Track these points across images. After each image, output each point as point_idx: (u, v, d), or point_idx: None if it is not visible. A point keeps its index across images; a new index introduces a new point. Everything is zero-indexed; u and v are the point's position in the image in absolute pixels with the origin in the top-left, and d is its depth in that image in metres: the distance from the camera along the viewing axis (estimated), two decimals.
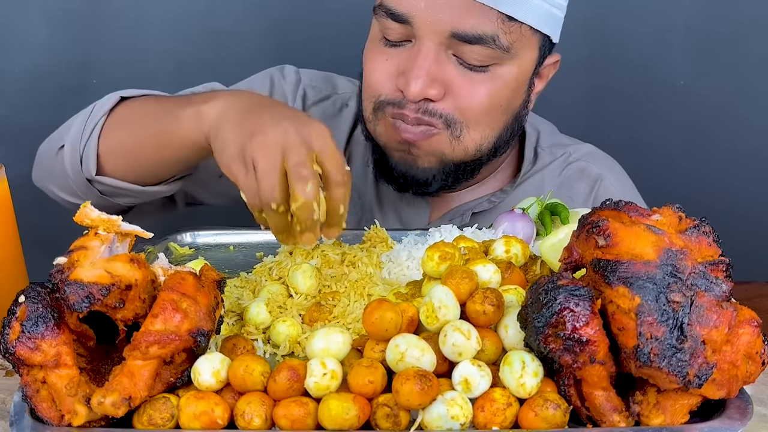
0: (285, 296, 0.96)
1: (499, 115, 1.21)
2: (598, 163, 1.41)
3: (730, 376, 0.73)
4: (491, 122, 1.21)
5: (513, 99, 1.22)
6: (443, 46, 1.15)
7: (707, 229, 0.77)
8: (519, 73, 1.20)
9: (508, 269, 0.88)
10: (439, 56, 1.15)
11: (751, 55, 2.01)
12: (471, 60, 1.15)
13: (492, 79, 1.18)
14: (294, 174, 0.89)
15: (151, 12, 1.95)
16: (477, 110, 1.18)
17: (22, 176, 1.33)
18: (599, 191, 1.37)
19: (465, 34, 1.12)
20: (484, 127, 1.21)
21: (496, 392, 0.72)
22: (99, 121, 1.20)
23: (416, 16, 1.13)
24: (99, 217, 0.80)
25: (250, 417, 0.71)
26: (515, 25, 1.14)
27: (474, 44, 1.13)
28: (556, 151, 1.40)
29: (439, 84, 1.16)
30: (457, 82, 1.16)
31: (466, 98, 1.17)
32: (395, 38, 1.18)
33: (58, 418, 0.71)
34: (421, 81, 1.14)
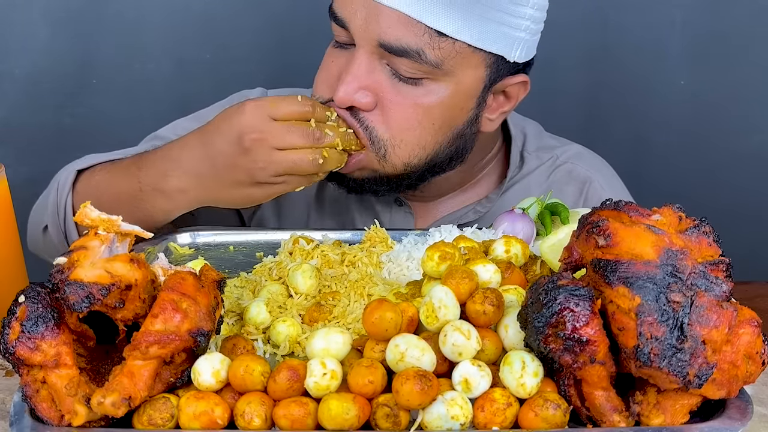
0: (285, 296, 0.96)
1: (431, 133, 1.16)
2: (586, 165, 1.38)
3: (730, 376, 0.73)
4: (421, 140, 1.16)
5: (450, 117, 1.16)
6: (376, 55, 1.12)
7: (707, 229, 0.77)
8: (457, 91, 1.14)
9: (508, 269, 0.88)
10: (372, 64, 1.12)
11: (750, 54, 2.02)
12: (403, 72, 1.12)
13: (424, 95, 1.13)
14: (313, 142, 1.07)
15: (151, 12, 1.96)
16: (405, 126, 1.14)
17: (22, 176, 1.33)
18: (588, 193, 1.34)
19: (390, 45, 1.10)
20: (412, 145, 1.16)
21: (496, 392, 0.72)
22: (66, 200, 1.24)
23: (352, 23, 1.12)
24: (99, 217, 0.80)
25: (250, 417, 0.71)
26: (447, 41, 1.09)
27: (401, 56, 1.10)
28: (542, 154, 1.37)
29: (370, 93, 1.13)
30: (388, 94, 1.13)
31: (395, 113, 1.13)
32: (342, 41, 1.17)
33: (58, 418, 0.71)
34: (350, 87, 1.12)
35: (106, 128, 1.98)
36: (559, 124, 1.50)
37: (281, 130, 1.06)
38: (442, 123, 1.16)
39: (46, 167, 1.94)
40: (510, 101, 1.23)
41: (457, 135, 1.19)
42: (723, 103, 2.04)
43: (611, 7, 1.99)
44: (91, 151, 1.32)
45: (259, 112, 1.07)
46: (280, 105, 1.08)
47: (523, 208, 1.10)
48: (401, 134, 1.15)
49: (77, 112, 1.99)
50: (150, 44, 1.97)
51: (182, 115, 1.42)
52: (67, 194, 1.23)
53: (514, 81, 1.20)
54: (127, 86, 1.99)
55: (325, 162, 1.09)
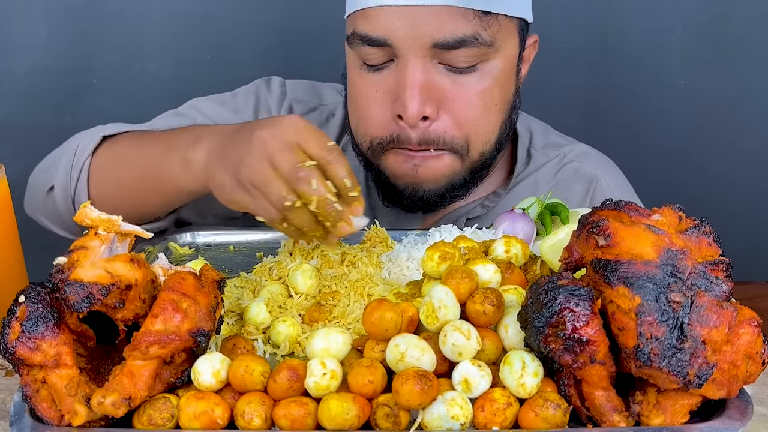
0: (285, 296, 0.96)
1: (495, 113, 1.20)
2: (594, 163, 1.39)
3: (731, 376, 0.73)
4: (489, 126, 1.20)
5: (505, 91, 1.21)
6: (428, 58, 1.13)
7: (707, 229, 0.77)
8: (506, 64, 1.19)
9: (508, 269, 0.88)
10: (426, 69, 1.13)
11: (750, 54, 2.02)
12: (458, 63, 1.14)
13: (481, 78, 1.16)
14: (293, 180, 0.91)
15: (151, 12, 1.96)
16: (474, 119, 1.17)
17: (22, 176, 1.33)
18: (595, 191, 1.36)
19: (446, 41, 1.11)
20: (484, 133, 1.20)
21: (496, 392, 0.72)
22: (84, 164, 1.22)
23: (394, 36, 1.12)
24: (99, 217, 0.80)
25: (250, 417, 0.71)
26: (492, 18, 1.13)
27: (458, 48, 1.12)
28: (549, 152, 1.39)
29: (433, 100, 1.14)
30: (450, 92, 1.15)
31: (462, 110, 1.16)
32: (377, 62, 1.16)
33: (58, 418, 0.71)
34: (416, 101, 1.12)
35: None
36: (559, 125, 1.50)
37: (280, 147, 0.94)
38: (501, 101, 1.20)
39: None
40: (525, 64, 1.28)
41: (511, 108, 1.24)
42: (723, 104, 2.04)
43: (611, 8, 1.99)
44: None
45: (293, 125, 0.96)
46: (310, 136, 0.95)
47: (523, 208, 1.10)
48: (475, 128, 1.18)
49: (77, 111, 1.99)
50: (150, 44, 1.97)
51: None
52: (86, 158, 1.21)
53: (529, 42, 1.26)
54: (127, 86, 1.99)
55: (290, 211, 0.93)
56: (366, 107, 1.19)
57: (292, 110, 1.42)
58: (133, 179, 1.16)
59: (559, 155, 1.39)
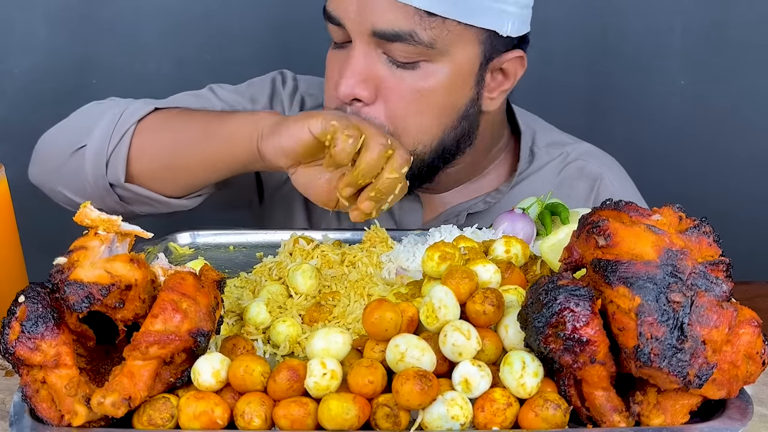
0: (285, 296, 0.96)
1: (434, 117, 1.18)
2: (598, 162, 1.40)
3: (731, 376, 0.73)
4: (423, 125, 1.18)
5: (451, 98, 1.19)
6: (372, 45, 1.14)
7: (707, 229, 0.77)
8: (455, 71, 1.17)
9: (508, 269, 0.88)
10: (369, 55, 1.15)
11: (750, 55, 2.02)
12: (399, 57, 1.14)
13: (423, 77, 1.15)
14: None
15: (151, 12, 1.96)
16: (405, 113, 1.16)
17: (22, 176, 1.33)
18: (599, 190, 1.36)
19: (383, 31, 1.12)
20: (415, 131, 1.18)
21: (496, 392, 0.72)
22: (130, 128, 1.22)
23: (345, 18, 1.14)
24: (99, 217, 0.80)
25: (250, 417, 0.71)
26: (437, 20, 1.12)
27: (394, 41, 1.12)
28: (553, 150, 1.39)
29: (370, 85, 1.15)
30: (387, 82, 1.15)
31: (396, 101, 1.16)
32: (339, 40, 1.19)
33: (57, 418, 0.71)
34: (351, 81, 1.14)
35: None
36: (560, 125, 1.50)
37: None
38: (444, 105, 1.19)
39: None
40: (509, 79, 1.25)
41: (460, 116, 1.22)
42: (723, 104, 2.04)
43: (611, 9, 1.99)
44: None
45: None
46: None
47: (523, 208, 1.10)
48: (403, 122, 1.17)
49: None
50: (150, 44, 1.97)
51: None
52: (132, 124, 1.22)
53: (509, 57, 1.22)
54: (127, 86, 1.99)
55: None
56: (327, 78, 1.23)
57: (303, 103, 1.44)
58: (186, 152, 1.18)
59: (563, 153, 1.39)
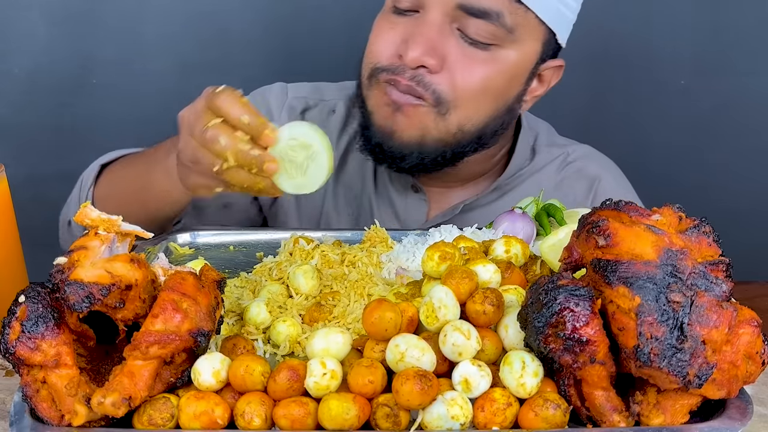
0: (285, 296, 0.96)
1: (490, 100, 1.21)
2: (596, 163, 1.42)
3: (730, 376, 0.73)
4: (480, 106, 1.20)
5: (508, 87, 1.22)
6: (449, 18, 1.15)
7: (707, 229, 0.77)
8: (519, 61, 1.20)
9: (508, 269, 0.88)
10: (443, 27, 1.16)
11: (750, 54, 2.02)
12: (474, 35, 1.16)
13: (491, 60, 1.18)
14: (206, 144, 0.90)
15: (152, 12, 1.96)
16: (470, 89, 1.18)
17: (22, 176, 1.33)
18: (598, 191, 1.38)
19: (471, 6, 1.13)
20: (472, 109, 1.20)
21: (496, 392, 0.72)
22: (88, 194, 1.25)
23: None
24: (99, 217, 0.80)
25: (250, 417, 0.71)
26: (522, 8, 1.15)
27: (479, 18, 1.14)
28: (554, 150, 1.41)
29: (438, 55, 1.16)
30: (456, 57, 1.17)
31: (461, 75, 1.17)
32: (406, 6, 1.19)
33: (58, 418, 0.71)
34: (421, 48, 1.15)
35: (106, 128, 1.98)
36: (560, 125, 1.50)
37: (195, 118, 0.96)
38: (501, 92, 1.21)
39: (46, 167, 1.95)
40: (543, 85, 1.29)
41: (507, 108, 1.24)
42: (723, 104, 2.04)
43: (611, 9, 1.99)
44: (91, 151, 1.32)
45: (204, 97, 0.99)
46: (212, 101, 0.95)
47: (522, 208, 1.10)
48: (465, 96, 1.18)
49: (77, 111, 1.99)
50: (150, 44, 1.97)
51: None
52: (89, 188, 1.25)
53: (553, 64, 1.27)
54: (127, 86, 1.99)
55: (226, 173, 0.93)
56: (377, 39, 1.22)
57: (293, 108, 1.43)
58: (130, 199, 1.19)
59: (563, 154, 1.41)
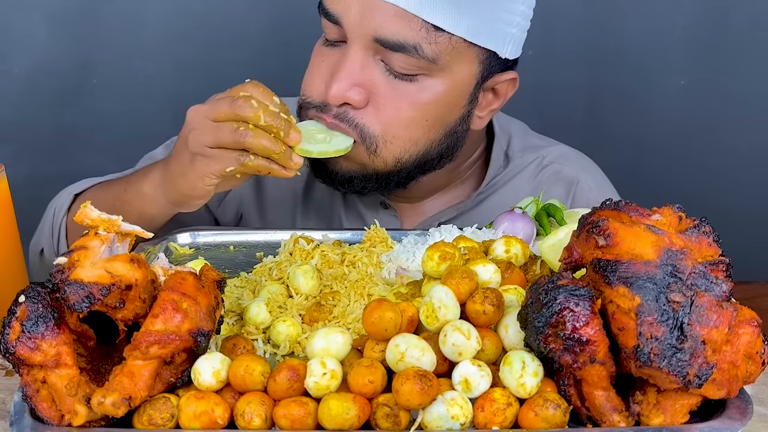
0: (285, 296, 0.96)
1: (424, 129, 1.16)
2: (574, 165, 1.37)
3: (730, 376, 0.73)
4: (413, 136, 1.16)
5: (445, 113, 1.17)
6: (371, 51, 1.11)
7: (707, 229, 0.77)
8: (452, 87, 1.14)
9: (508, 269, 0.88)
10: (366, 61, 1.12)
11: (750, 54, 2.02)
12: (396, 68, 1.11)
13: (419, 91, 1.13)
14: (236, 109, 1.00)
15: (151, 12, 1.96)
16: (397, 124, 1.14)
17: (22, 176, 1.33)
18: (576, 193, 1.34)
19: (386, 40, 1.09)
20: (403, 141, 1.15)
21: (496, 392, 0.72)
22: (61, 224, 1.25)
23: (345, 18, 1.11)
24: (99, 217, 0.80)
25: (250, 417, 0.71)
26: (443, 36, 1.09)
27: (396, 51, 1.09)
28: (528, 155, 1.36)
29: (363, 90, 1.12)
30: (382, 90, 1.12)
31: (388, 110, 1.13)
32: (333, 38, 1.16)
33: (58, 418, 0.71)
34: (343, 84, 1.11)
35: (106, 128, 1.98)
36: (559, 125, 1.50)
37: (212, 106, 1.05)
38: (435, 120, 1.16)
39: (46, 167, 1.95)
40: (499, 99, 1.24)
41: (449, 132, 1.19)
42: (723, 104, 2.05)
43: (611, 8, 2.00)
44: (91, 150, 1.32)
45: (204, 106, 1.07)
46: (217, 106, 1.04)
47: (522, 208, 1.10)
48: (394, 131, 1.14)
49: (77, 111, 1.99)
50: (150, 44, 1.97)
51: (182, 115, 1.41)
52: (62, 217, 1.25)
53: (504, 78, 1.21)
54: (127, 86, 2.00)
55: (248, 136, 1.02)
56: (310, 73, 1.19)
57: None
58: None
59: (538, 158, 1.36)
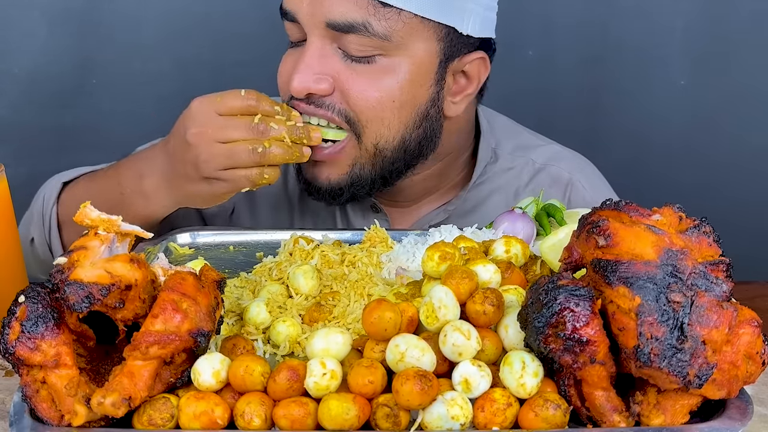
0: (285, 296, 0.96)
1: (395, 111, 1.15)
2: (568, 165, 1.36)
3: (731, 376, 0.73)
4: (386, 120, 1.15)
5: (412, 94, 1.16)
6: (327, 40, 1.13)
7: (707, 229, 0.77)
8: (413, 64, 1.14)
9: (508, 269, 0.88)
10: (324, 50, 1.13)
11: (750, 54, 2.02)
12: (352, 51, 1.12)
13: (380, 72, 1.14)
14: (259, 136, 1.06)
15: (152, 12, 1.96)
16: (368, 105, 1.14)
17: (22, 176, 1.33)
18: (571, 195, 1.33)
19: (336, 22, 1.10)
20: (378, 124, 1.15)
21: (496, 392, 0.72)
22: (52, 214, 1.25)
23: (299, 12, 1.13)
24: (99, 217, 0.80)
25: (250, 417, 0.71)
26: (392, 11, 1.10)
27: (349, 33, 1.10)
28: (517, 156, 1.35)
29: (325, 79, 1.13)
30: (343, 76, 1.13)
31: (353, 91, 1.13)
32: (296, 38, 1.17)
33: (57, 418, 0.71)
34: (303, 75, 1.12)
35: (106, 128, 1.98)
36: (559, 125, 1.50)
37: (221, 124, 1.07)
38: (403, 101, 1.16)
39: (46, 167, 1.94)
40: (472, 82, 1.22)
41: (421, 116, 1.18)
42: (723, 105, 2.05)
43: (611, 8, 1.99)
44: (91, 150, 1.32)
45: (203, 107, 1.09)
46: (224, 99, 1.09)
47: (522, 208, 1.10)
48: (366, 113, 1.15)
49: (77, 111, 1.99)
50: (150, 44, 1.97)
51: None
52: (52, 206, 1.25)
53: (471, 58, 1.19)
54: (127, 86, 1.99)
55: (267, 154, 1.07)
56: (279, 76, 1.21)
57: None
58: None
59: (527, 160, 1.35)
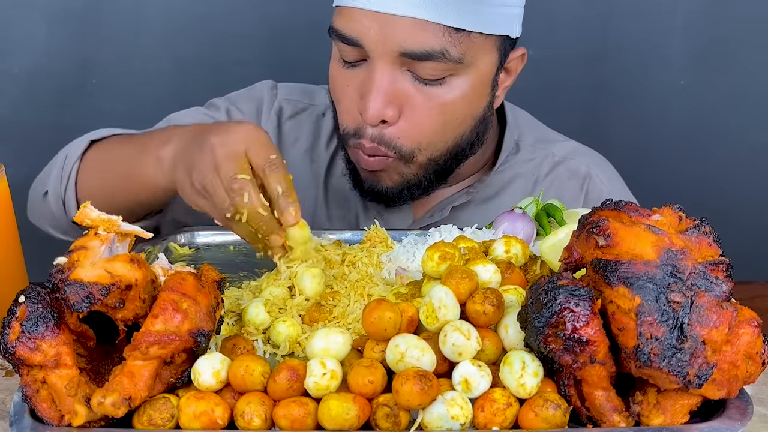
0: (286, 299, 0.96)
1: (454, 127, 1.20)
2: (586, 160, 1.40)
3: (731, 376, 0.73)
4: (445, 138, 1.20)
5: (473, 106, 1.20)
6: (397, 64, 1.13)
7: (707, 229, 0.77)
8: (478, 80, 1.18)
9: (508, 269, 0.88)
10: (394, 74, 1.14)
11: (750, 54, 2.02)
12: (425, 75, 1.14)
13: (448, 92, 1.16)
14: (229, 190, 0.96)
15: (152, 12, 1.96)
16: (430, 130, 1.18)
17: (22, 176, 1.33)
18: (589, 188, 1.36)
19: (413, 52, 1.11)
20: (436, 142, 1.20)
21: (496, 392, 0.72)
22: (73, 167, 1.25)
23: (366, 39, 1.13)
24: (99, 217, 0.80)
25: (250, 417, 0.71)
26: (464, 35, 1.12)
27: (425, 60, 1.12)
28: (538, 149, 1.39)
29: (395, 104, 1.15)
30: (413, 99, 1.15)
31: (422, 117, 1.16)
32: (351, 59, 1.17)
33: (58, 418, 0.71)
34: (378, 102, 1.13)
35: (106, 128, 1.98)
36: (559, 125, 1.50)
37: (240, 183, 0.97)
38: (465, 115, 1.20)
39: None
40: (510, 75, 1.28)
41: (478, 122, 1.24)
42: (723, 104, 2.05)
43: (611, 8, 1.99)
44: None
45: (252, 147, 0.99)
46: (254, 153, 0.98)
47: (522, 208, 1.10)
48: (428, 138, 1.19)
49: (77, 111, 1.99)
50: (150, 43, 1.97)
51: None
52: (74, 162, 1.24)
53: (515, 55, 1.25)
54: (127, 86, 1.99)
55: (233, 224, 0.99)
56: (340, 98, 1.22)
57: (282, 110, 1.43)
58: (115, 180, 1.19)
59: (547, 153, 1.39)
